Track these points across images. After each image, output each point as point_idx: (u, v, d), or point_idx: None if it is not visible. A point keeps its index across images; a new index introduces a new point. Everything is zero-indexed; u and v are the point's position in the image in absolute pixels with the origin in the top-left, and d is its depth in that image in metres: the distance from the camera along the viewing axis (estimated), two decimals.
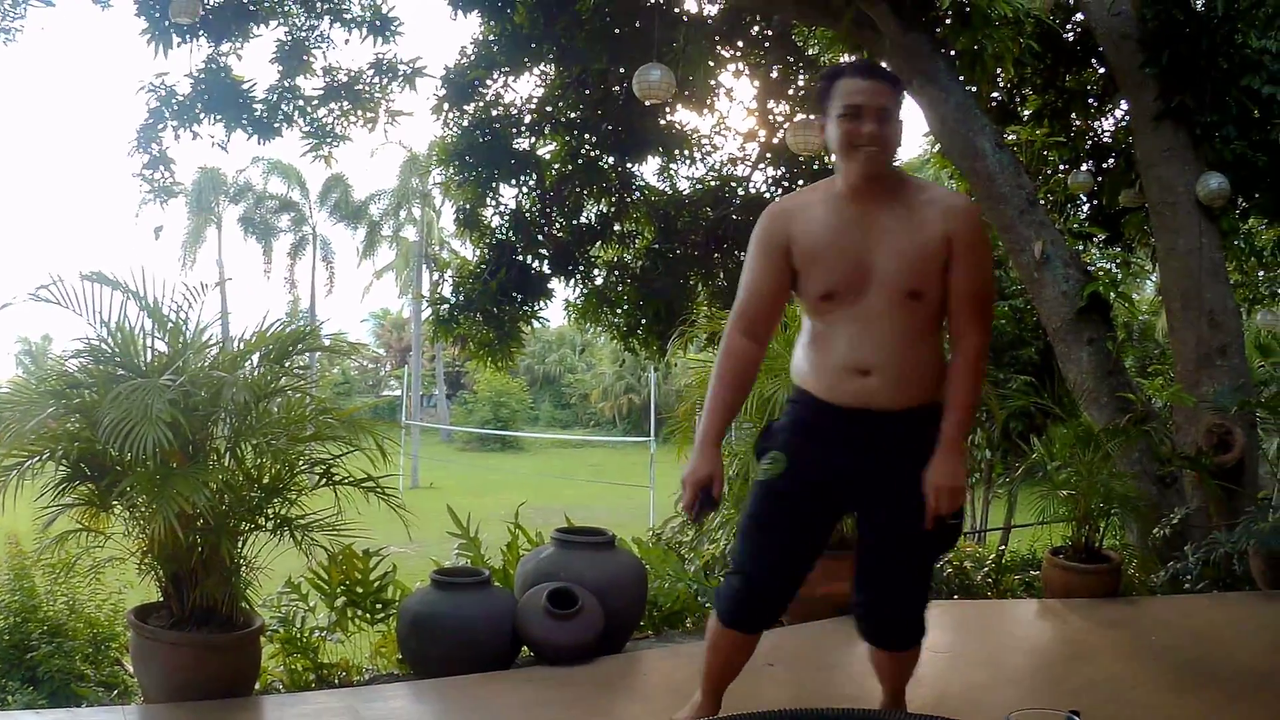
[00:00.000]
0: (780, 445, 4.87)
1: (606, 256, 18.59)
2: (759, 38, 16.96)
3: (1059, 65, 16.53)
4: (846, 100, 4.47)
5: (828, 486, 4.84)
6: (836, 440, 4.78)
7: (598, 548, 7.44)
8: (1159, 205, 12.88)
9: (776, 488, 4.84)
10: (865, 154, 4.45)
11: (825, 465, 4.80)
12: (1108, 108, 17.41)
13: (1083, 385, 12.70)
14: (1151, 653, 7.28)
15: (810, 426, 4.84)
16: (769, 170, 18.24)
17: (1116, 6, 12.96)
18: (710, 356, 11.41)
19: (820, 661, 7.07)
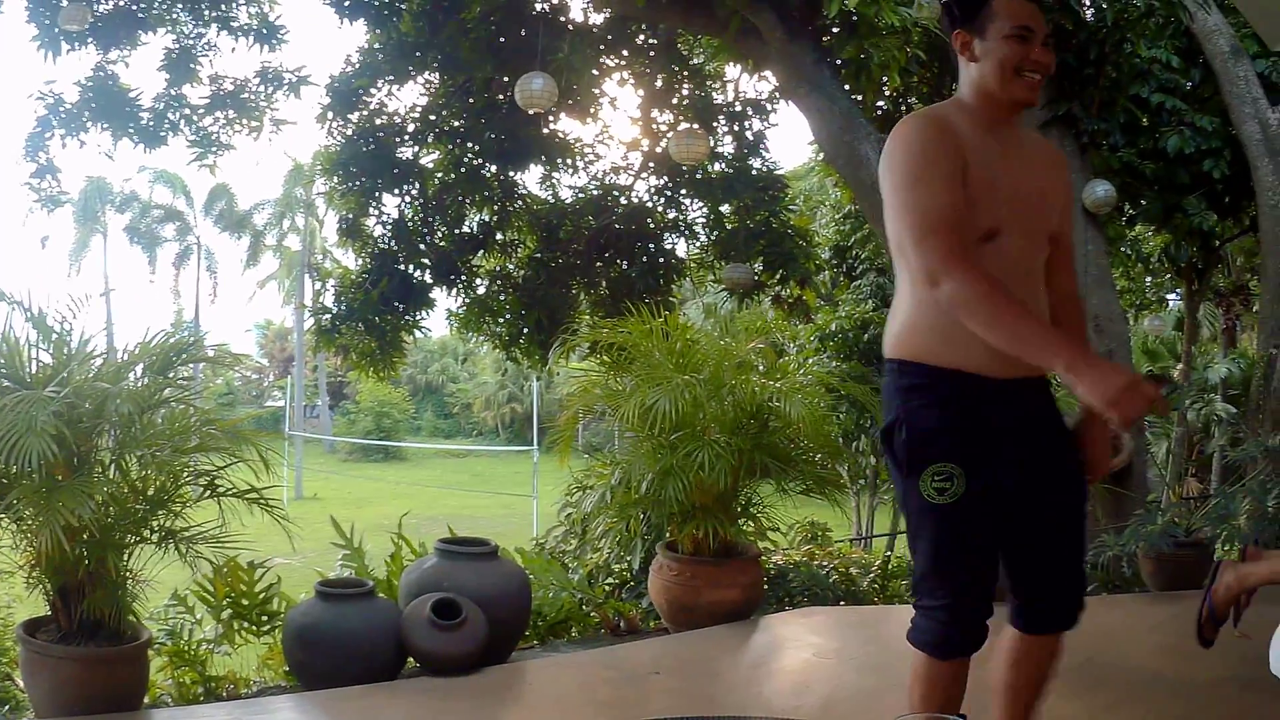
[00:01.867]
0: (945, 453, 3.97)
1: (488, 265, 18.53)
2: (644, 46, 16.95)
3: (945, 74, 16.58)
4: (1017, 20, 4.00)
5: (1007, 481, 4.05)
6: (1005, 424, 4.04)
7: (481, 558, 7.36)
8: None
9: (959, 506, 3.96)
10: (1029, 81, 4.01)
11: (1001, 459, 4.02)
12: None
13: None
14: None
15: (974, 415, 4.01)
16: (651, 179, 18.21)
17: None
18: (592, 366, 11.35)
19: (706, 669, 7.01)
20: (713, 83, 17.99)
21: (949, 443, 3.95)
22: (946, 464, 3.92)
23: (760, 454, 8.23)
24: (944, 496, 3.92)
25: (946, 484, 3.91)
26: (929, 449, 3.96)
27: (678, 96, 17.44)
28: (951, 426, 3.97)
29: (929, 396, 4.00)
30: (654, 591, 8.12)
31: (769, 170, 17.87)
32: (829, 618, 8.54)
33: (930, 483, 3.93)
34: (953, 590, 4.07)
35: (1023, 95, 4.00)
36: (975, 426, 3.97)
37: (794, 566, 10.25)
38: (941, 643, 4.12)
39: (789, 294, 18.38)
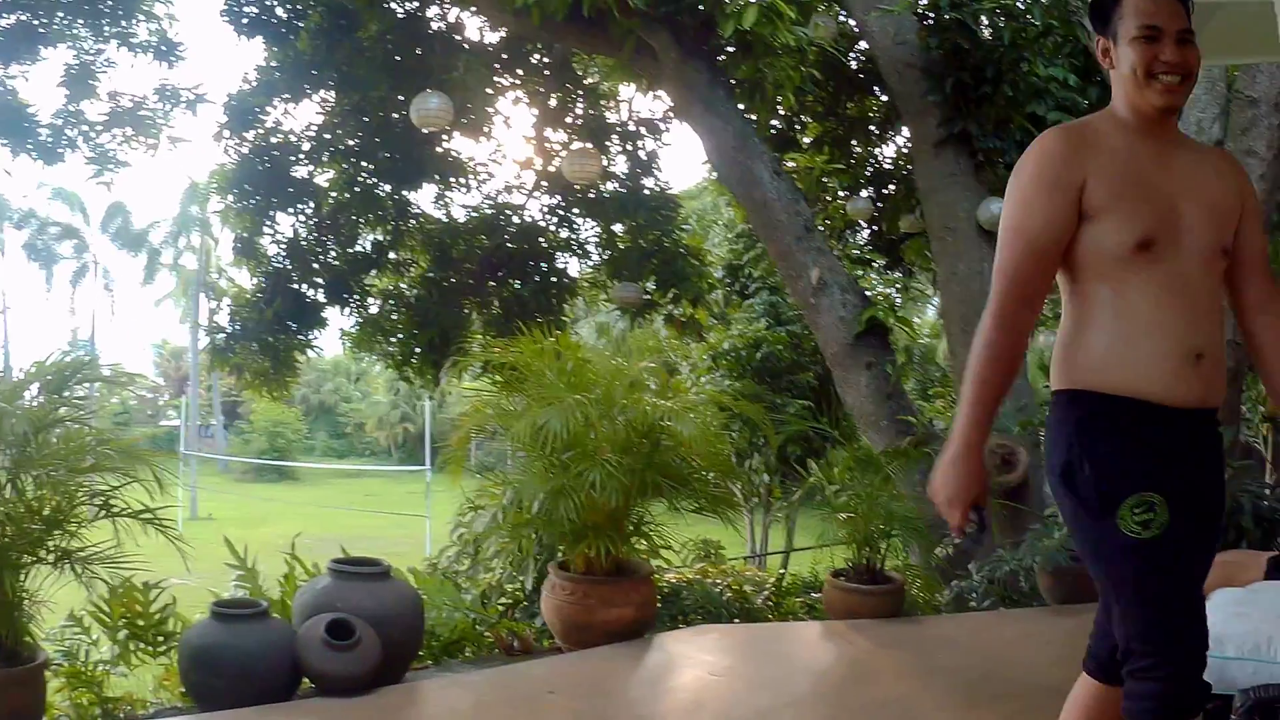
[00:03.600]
0: (1144, 482, 3.58)
1: (381, 285, 18.54)
2: (539, 65, 16.99)
3: (840, 93, 16.75)
4: (1143, 20, 3.75)
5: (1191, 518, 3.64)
6: (1190, 458, 3.71)
7: (373, 578, 7.29)
8: (940, 230, 13.07)
9: (1167, 539, 3.55)
10: (1165, 84, 3.73)
11: (1193, 489, 3.67)
12: (889, 135, 17.68)
13: (862, 409, 12.86)
14: (939, 671, 7.31)
15: (1155, 444, 3.65)
16: (544, 199, 18.24)
17: (901, 36, 13.15)
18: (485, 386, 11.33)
19: (601, 688, 6.99)
20: (606, 102, 18.07)
21: (1144, 470, 3.60)
22: (1147, 493, 3.54)
23: (652, 473, 8.21)
24: (1150, 530, 3.52)
25: (1150, 515, 3.53)
26: (1124, 480, 3.59)
27: (571, 116, 17.57)
28: (1141, 455, 3.62)
29: (1109, 424, 3.67)
30: (547, 611, 8.08)
31: (661, 190, 18.01)
32: (723, 635, 8.54)
33: (1131, 517, 3.53)
34: (1170, 640, 3.58)
35: (1159, 100, 3.76)
36: (1163, 457, 3.63)
37: (687, 585, 10.23)
38: (1175, 703, 3.58)
39: (681, 313, 18.44)
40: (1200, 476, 3.70)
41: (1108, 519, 3.56)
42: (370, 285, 18.35)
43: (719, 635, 8.52)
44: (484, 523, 9.05)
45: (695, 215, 27.44)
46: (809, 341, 20.56)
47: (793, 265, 13.39)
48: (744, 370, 24.32)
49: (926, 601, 10.16)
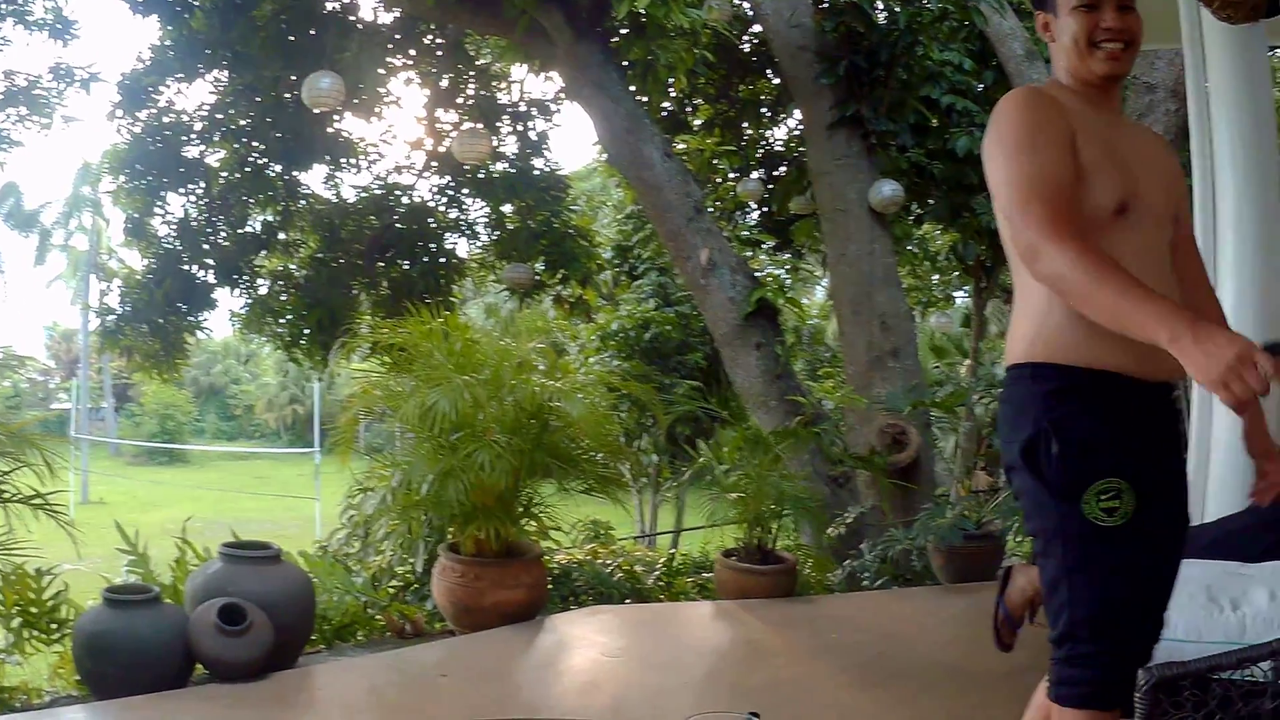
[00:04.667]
0: (1111, 466, 3.43)
1: (271, 266, 18.38)
2: (431, 46, 16.88)
3: (733, 75, 16.76)
4: None
5: (1169, 496, 3.61)
6: (1160, 434, 3.61)
7: (264, 562, 7.21)
8: (830, 212, 13.13)
9: (1131, 527, 3.43)
10: (1109, 50, 3.64)
11: (1162, 472, 3.58)
12: (780, 117, 17.72)
13: (751, 389, 12.87)
14: (833, 650, 7.32)
15: (1128, 420, 3.50)
16: (434, 179, 18.15)
17: (795, 19, 13.17)
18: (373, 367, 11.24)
19: (494, 670, 6.97)
20: (498, 83, 17.99)
21: (1112, 454, 3.44)
22: (1113, 479, 3.40)
23: (541, 454, 8.20)
24: (1114, 517, 3.39)
25: (1115, 502, 3.39)
26: (1093, 464, 3.42)
27: (463, 96, 17.45)
28: (1112, 435, 3.46)
29: (1078, 402, 3.49)
30: (438, 593, 8.03)
31: (551, 170, 17.94)
32: (615, 616, 8.53)
33: (1097, 503, 3.39)
34: (1117, 629, 3.49)
35: (1102, 68, 3.66)
36: (1136, 434, 3.49)
37: (578, 566, 10.22)
38: (1109, 693, 3.48)
39: (570, 294, 18.42)
40: (1168, 454, 3.63)
41: (1072, 503, 3.43)
42: (260, 266, 18.18)
43: (611, 616, 8.51)
44: (374, 505, 8.97)
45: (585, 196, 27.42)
46: (698, 322, 20.55)
47: (682, 246, 13.40)
48: (632, 351, 24.27)
49: (819, 581, 10.17)
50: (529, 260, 17.21)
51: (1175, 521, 3.64)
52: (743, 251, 17.19)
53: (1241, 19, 6.62)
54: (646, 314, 24.48)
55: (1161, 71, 12.55)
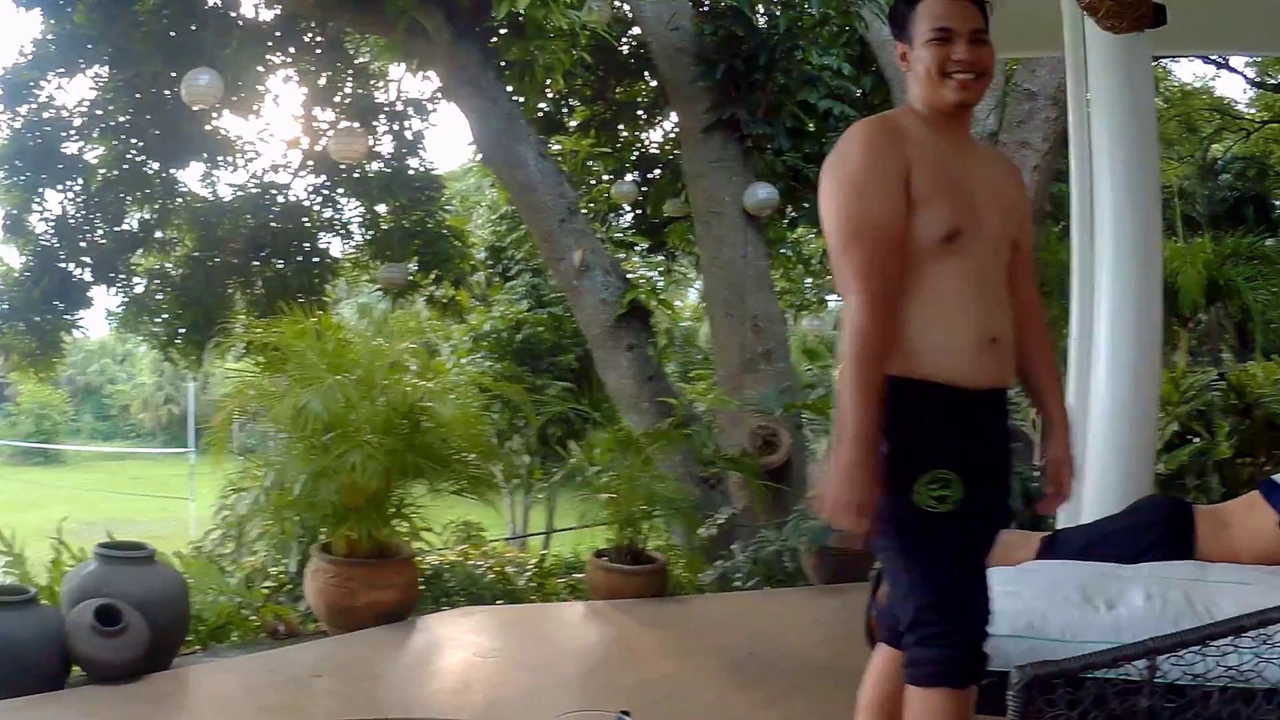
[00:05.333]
0: (939, 459, 3.76)
1: (148, 264, 18.24)
2: (311, 44, 16.82)
3: (610, 77, 16.80)
4: (935, 22, 3.90)
5: (990, 493, 3.92)
6: (984, 437, 3.93)
7: (139, 562, 7.14)
8: (704, 215, 13.21)
9: (960, 514, 3.74)
10: (960, 80, 3.89)
11: (985, 470, 3.89)
12: (657, 119, 17.77)
13: (623, 391, 12.94)
14: (705, 650, 7.35)
15: (952, 426, 3.83)
16: (310, 178, 18.09)
17: (675, 21, 13.23)
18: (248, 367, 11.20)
19: (368, 671, 6.93)
20: (376, 82, 17.95)
21: (941, 449, 3.78)
22: (942, 470, 3.73)
23: (413, 454, 8.17)
24: (944, 505, 3.71)
25: (945, 491, 3.72)
26: (919, 457, 3.76)
27: (340, 95, 17.40)
28: (938, 437, 3.80)
29: (909, 410, 3.80)
30: (311, 594, 8.01)
31: (426, 170, 17.93)
32: (487, 617, 8.54)
33: (927, 493, 3.72)
34: (960, 609, 3.82)
35: (953, 97, 3.90)
36: (959, 438, 3.82)
37: (449, 566, 10.22)
38: (960, 670, 3.79)
39: (443, 294, 18.43)
40: (994, 455, 3.97)
41: (904, 494, 3.72)
42: (136, 265, 18.10)
43: (483, 617, 8.52)
44: (247, 505, 8.93)
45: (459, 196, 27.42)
46: (570, 323, 20.65)
47: (556, 247, 13.46)
48: (505, 352, 24.35)
49: (690, 581, 10.22)
50: (403, 260, 17.19)
51: (996, 516, 4.02)
52: (616, 253, 17.28)
53: (1126, 29, 6.72)
54: (519, 315, 24.56)
55: (1043, 79, 12.74)
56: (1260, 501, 6.05)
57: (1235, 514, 6.14)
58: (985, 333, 3.82)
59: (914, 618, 3.80)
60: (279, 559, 9.43)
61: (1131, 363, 7.00)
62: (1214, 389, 13.28)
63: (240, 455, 10.41)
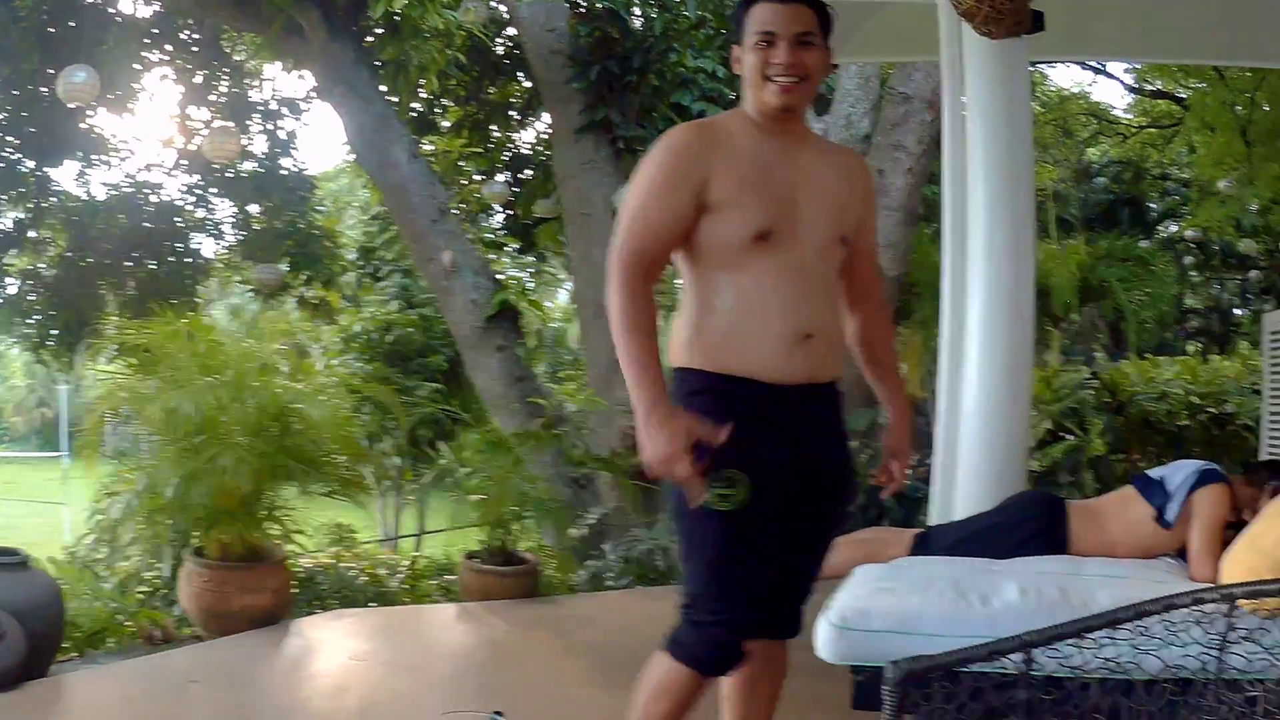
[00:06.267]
0: (726, 458, 3.82)
1: (21, 265, 18.01)
2: (188, 42, 16.69)
3: (484, 77, 16.79)
4: (760, 27, 3.94)
5: (790, 486, 3.97)
6: (789, 431, 3.96)
7: (13, 569, 7.06)
8: (575, 215, 13.26)
9: (742, 514, 3.83)
10: (779, 85, 3.93)
11: (784, 465, 3.95)
12: (529, 120, 17.79)
13: (492, 392, 12.99)
14: (579, 650, 7.40)
15: (754, 420, 3.88)
16: (182, 178, 17.95)
17: (551, 22, 13.27)
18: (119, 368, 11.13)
19: (243, 676, 6.91)
20: (251, 80, 17.83)
21: (731, 448, 3.82)
22: (728, 470, 3.81)
23: (284, 456, 8.16)
24: (726, 504, 3.81)
25: (729, 490, 3.81)
26: (709, 455, 3.81)
27: (215, 94, 17.27)
28: (736, 432, 3.82)
29: (709, 403, 3.89)
30: (185, 598, 7.96)
31: (299, 171, 17.84)
32: (361, 620, 8.53)
33: (712, 490, 3.81)
34: (733, 605, 3.96)
35: (773, 100, 3.96)
36: (758, 434, 3.87)
37: (322, 569, 10.19)
38: (714, 661, 4.03)
39: (314, 295, 18.37)
40: (810, 449, 4.02)
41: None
42: (9, 265, 17.85)
43: (356, 620, 8.51)
44: (120, 509, 8.87)
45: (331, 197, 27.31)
46: (440, 324, 20.61)
47: (426, 248, 13.49)
48: (375, 353, 24.27)
49: (562, 582, 10.27)
50: (274, 261, 17.12)
51: (807, 512, 4.06)
52: (486, 254, 17.27)
53: (1003, 35, 6.79)
54: (389, 316, 24.47)
55: (918, 83, 12.85)
56: (1134, 495, 6.20)
57: (1109, 509, 6.28)
58: (798, 329, 3.90)
59: (687, 602, 4.02)
60: (153, 564, 9.38)
61: (1003, 361, 7.07)
62: (1087, 387, 13.50)
63: (113, 459, 10.34)
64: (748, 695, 4.30)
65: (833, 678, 4.78)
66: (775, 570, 4.04)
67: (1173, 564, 5.91)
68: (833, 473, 4.15)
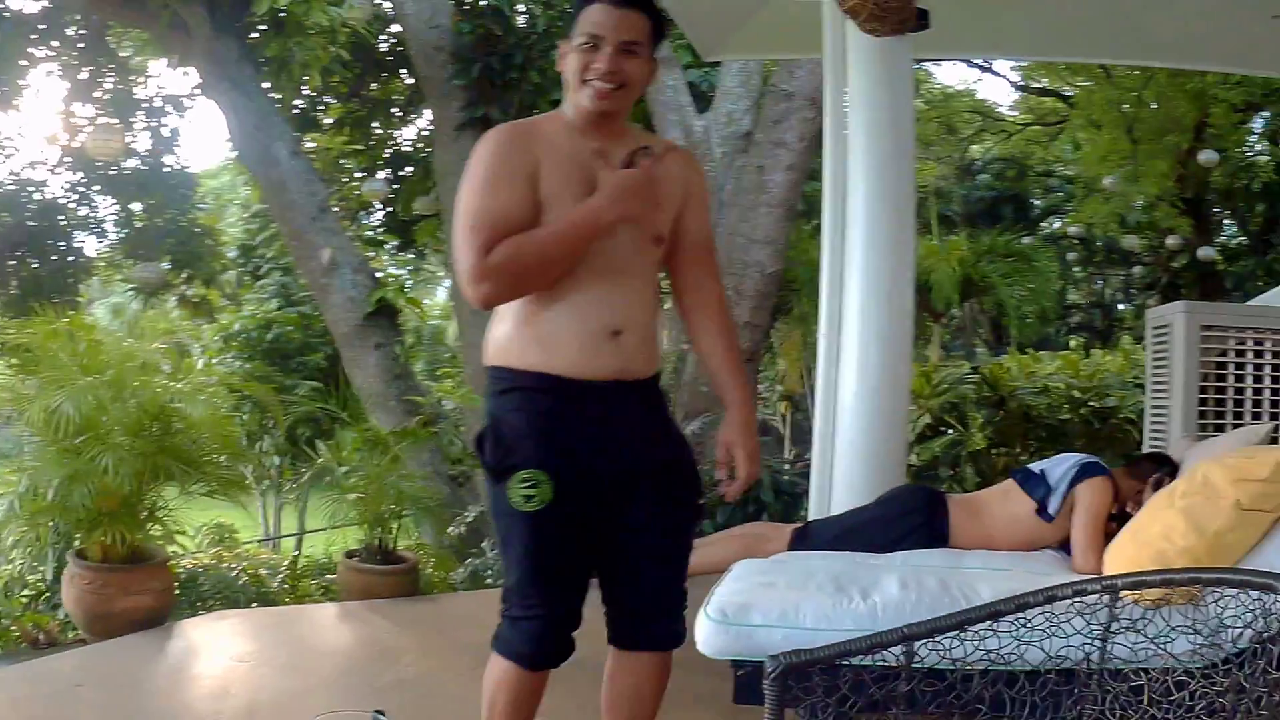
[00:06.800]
0: (532, 459, 3.92)
1: None
2: (74, 37, 16.55)
3: (366, 74, 16.78)
4: (586, 29, 3.99)
5: (600, 483, 4.02)
6: (598, 427, 4.01)
7: None
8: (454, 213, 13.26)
9: (548, 513, 3.92)
10: (595, 89, 3.99)
11: (592, 463, 4.00)
12: (411, 117, 17.78)
13: (371, 389, 13.02)
14: (461, 648, 7.37)
15: (560, 417, 3.97)
16: (66, 175, 17.80)
17: (435, 20, 13.28)
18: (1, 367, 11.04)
19: (129, 679, 6.86)
20: (136, 77, 17.70)
21: (535, 448, 3.92)
22: (533, 470, 3.89)
23: (164, 456, 8.12)
24: (531, 504, 3.88)
25: (533, 490, 3.88)
26: (515, 455, 3.93)
27: (100, 90, 17.13)
28: (538, 431, 3.94)
29: (517, 401, 3.98)
30: (68, 601, 7.92)
31: (182, 168, 17.74)
32: (243, 620, 8.51)
33: (518, 490, 3.89)
34: (545, 600, 4.05)
35: (589, 104, 4.01)
36: (564, 431, 3.95)
37: (204, 570, 10.18)
38: (534, 654, 4.09)
39: (195, 294, 18.29)
40: (624, 446, 4.05)
41: (501, 486, 3.94)
42: None
43: (239, 620, 8.49)
44: (1, 511, 8.82)
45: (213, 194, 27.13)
46: (319, 322, 20.50)
47: (305, 245, 13.49)
48: (255, 352, 24.08)
49: (442, 580, 10.30)
50: (156, 259, 17.02)
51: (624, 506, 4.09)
52: (365, 251, 17.28)
53: (888, 32, 6.85)
54: (269, 314, 24.33)
55: (801, 80, 12.93)
56: (1015, 489, 6.30)
57: (990, 502, 6.38)
58: (607, 325, 3.96)
59: (504, 595, 4.11)
60: (36, 566, 9.33)
61: (881, 357, 7.13)
62: (967, 382, 13.58)
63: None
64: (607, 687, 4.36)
65: (714, 672, 4.78)
66: (580, 567, 4.12)
67: (1055, 556, 6.00)
68: (656, 470, 4.15)
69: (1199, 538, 4.57)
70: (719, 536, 6.67)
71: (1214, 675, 3.23)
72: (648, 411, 4.20)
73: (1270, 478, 4.63)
